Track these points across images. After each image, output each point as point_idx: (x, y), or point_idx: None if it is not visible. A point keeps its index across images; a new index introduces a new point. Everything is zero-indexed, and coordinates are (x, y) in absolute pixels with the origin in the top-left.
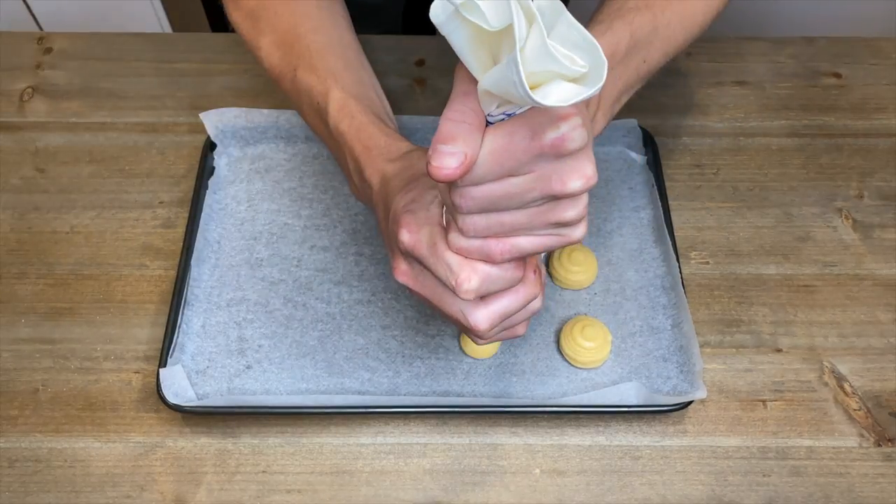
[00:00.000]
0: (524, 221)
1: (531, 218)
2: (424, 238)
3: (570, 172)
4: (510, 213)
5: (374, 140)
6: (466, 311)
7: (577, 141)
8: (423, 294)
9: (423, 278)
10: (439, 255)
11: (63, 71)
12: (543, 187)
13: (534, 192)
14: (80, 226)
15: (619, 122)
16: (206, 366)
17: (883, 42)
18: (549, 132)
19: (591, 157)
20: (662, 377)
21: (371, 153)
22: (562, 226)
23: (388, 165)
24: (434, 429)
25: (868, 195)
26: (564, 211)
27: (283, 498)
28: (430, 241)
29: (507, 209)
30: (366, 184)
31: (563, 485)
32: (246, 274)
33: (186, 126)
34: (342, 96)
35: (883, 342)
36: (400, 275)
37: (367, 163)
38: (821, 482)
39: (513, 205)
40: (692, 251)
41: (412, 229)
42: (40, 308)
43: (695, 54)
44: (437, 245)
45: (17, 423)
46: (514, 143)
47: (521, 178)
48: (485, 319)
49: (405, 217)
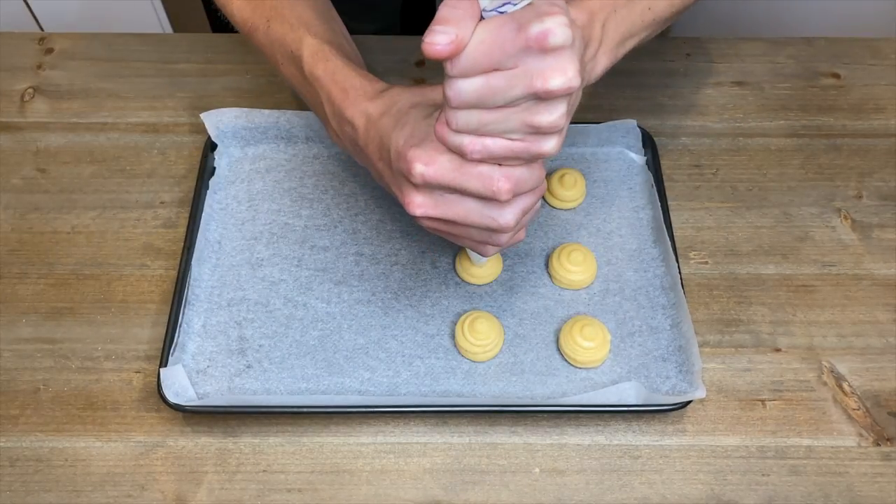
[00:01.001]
0: (502, 120)
1: (509, 117)
2: (445, 163)
3: (552, 70)
4: (491, 112)
5: (350, 81)
6: (495, 213)
7: (559, 36)
8: (447, 216)
9: (444, 201)
10: (468, 170)
11: (64, 71)
12: (526, 83)
13: (517, 87)
14: (81, 226)
15: (618, 122)
16: (206, 365)
17: (882, 42)
18: (534, 25)
19: (574, 60)
20: (662, 377)
21: (349, 94)
22: (536, 132)
23: (369, 105)
24: (434, 428)
25: (867, 195)
26: (541, 114)
27: (284, 497)
28: (452, 163)
29: (491, 106)
30: (347, 125)
31: (562, 484)
32: (246, 274)
33: (187, 126)
34: (316, 42)
35: (882, 342)
36: (417, 207)
37: (347, 104)
38: (820, 481)
39: (497, 101)
40: (691, 251)
41: (428, 160)
42: (41, 308)
43: (694, 54)
44: (463, 163)
45: (18, 423)
46: (501, 34)
47: (506, 72)
48: (513, 216)
49: (414, 152)
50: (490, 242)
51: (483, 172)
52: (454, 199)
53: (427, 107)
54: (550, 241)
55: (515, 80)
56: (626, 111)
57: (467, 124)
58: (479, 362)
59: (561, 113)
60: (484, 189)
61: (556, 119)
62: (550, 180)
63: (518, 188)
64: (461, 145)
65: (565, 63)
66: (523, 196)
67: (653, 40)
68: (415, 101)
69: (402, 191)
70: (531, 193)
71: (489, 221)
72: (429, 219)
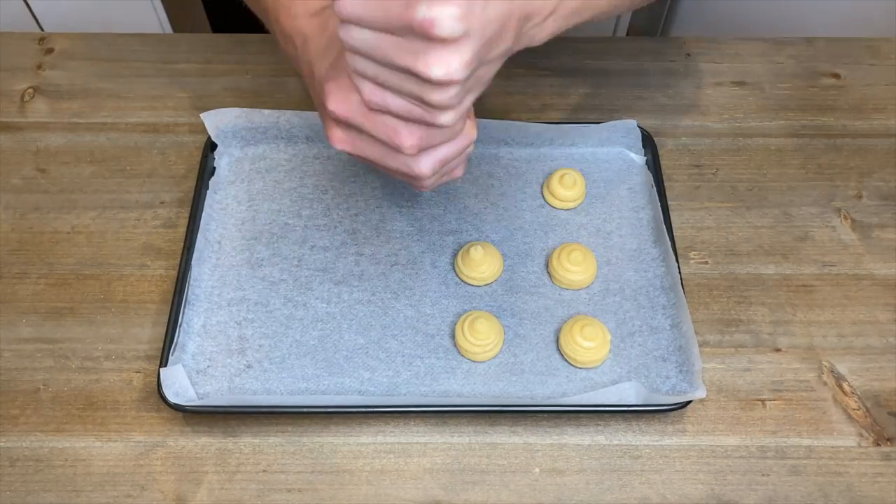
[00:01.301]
0: (397, 82)
1: (402, 82)
2: (355, 104)
3: (436, 59)
4: (385, 70)
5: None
6: (409, 163)
7: (445, 29)
8: (365, 156)
9: (361, 141)
10: (375, 118)
11: (64, 71)
12: (409, 60)
13: (401, 59)
14: (82, 226)
15: (618, 122)
16: (206, 365)
17: (882, 42)
18: (421, 8)
19: (462, 52)
20: (662, 377)
21: (290, 10)
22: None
23: (306, 22)
24: (434, 428)
25: (867, 195)
26: (430, 92)
27: (284, 497)
28: (362, 107)
29: (382, 63)
30: (289, 43)
31: (562, 484)
32: (246, 274)
33: (187, 126)
34: None
35: (882, 342)
36: (337, 142)
37: (287, 19)
38: (820, 481)
39: (385, 61)
40: (691, 251)
41: (339, 97)
42: (41, 308)
43: (694, 55)
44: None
45: (18, 423)
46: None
47: (394, 39)
48: (427, 167)
49: (329, 86)
50: (412, 184)
51: (388, 123)
52: (368, 142)
53: None
54: (550, 241)
55: (400, 51)
56: (626, 111)
57: (364, 71)
58: (479, 362)
59: (450, 94)
60: (388, 140)
61: (445, 99)
62: (550, 180)
63: (425, 143)
64: (362, 90)
65: (450, 55)
66: (439, 147)
67: (653, 40)
68: None
69: (325, 122)
70: (448, 144)
71: (404, 168)
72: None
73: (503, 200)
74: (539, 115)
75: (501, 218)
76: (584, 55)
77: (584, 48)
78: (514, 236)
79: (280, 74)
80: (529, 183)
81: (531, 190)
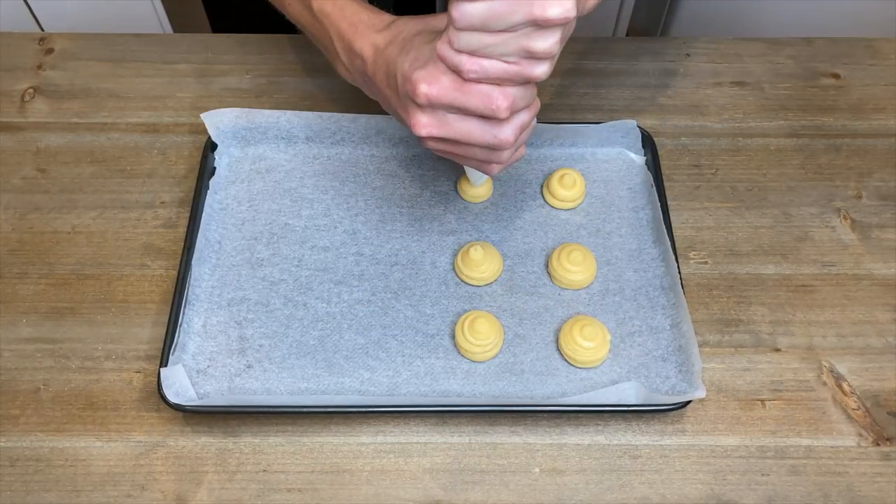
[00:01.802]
0: (501, 44)
1: (508, 41)
2: (447, 83)
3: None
4: (492, 35)
5: (358, 16)
6: (496, 130)
7: None
8: (451, 135)
9: (448, 120)
10: (469, 90)
11: (64, 71)
12: (527, 10)
13: (518, 14)
14: (82, 226)
15: (618, 122)
16: (206, 365)
17: (882, 42)
18: None
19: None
20: (661, 377)
21: (357, 28)
22: (531, 57)
23: (377, 36)
24: (434, 428)
25: (866, 195)
26: (538, 40)
27: (284, 497)
28: (453, 83)
29: (493, 30)
30: (357, 57)
31: (562, 484)
32: (246, 274)
33: (187, 126)
34: None
35: (881, 342)
36: (422, 128)
37: (356, 37)
38: (819, 481)
39: (498, 25)
40: (691, 251)
41: (430, 80)
42: (41, 308)
43: (694, 55)
44: (463, 83)
45: (18, 423)
46: None
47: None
48: (511, 132)
49: (418, 73)
50: (492, 160)
51: (482, 90)
52: (457, 119)
53: (430, 33)
54: (550, 241)
55: (517, 6)
56: (626, 111)
57: (468, 45)
58: (479, 362)
59: (555, 40)
60: (484, 107)
61: (551, 46)
62: (550, 180)
63: (515, 105)
64: (459, 63)
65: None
66: (520, 113)
67: (653, 40)
68: (419, 29)
69: (409, 112)
70: (527, 110)
71: (490, 138)
72: (434, 139)
73: (503, 200)
74: (539, 115)
75: (501, 218)
76: (584, 55)
77: (584, 48)
78: (514, 236)
79: (280, 74)
80: (529, 183)
81: (531, 190)
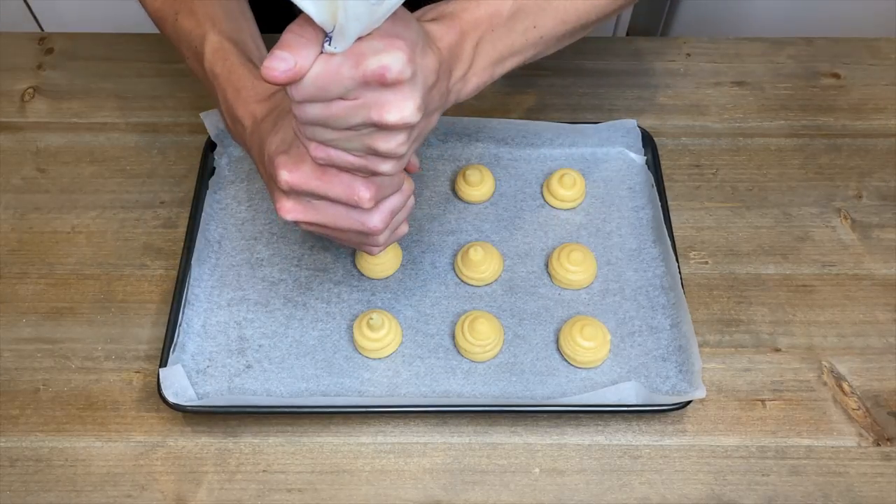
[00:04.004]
0: (346, 140)
1: (352, 138)
2: (307, 170)
3: (390, 105)
4: (336, 132)
5: (243, 82)
6: (364, 218)
7: (395, 72)
8: (317, 221)
9: (312, 207)
10: (330, 179)
11: (64, 71)
12: (365, 114)
13: (357, 117)
14: (82, 226)
15: (618, 122)
16: (206, 365)
17: (882, 42)
18: (372, 61)
19: (412, 96)
20: (661, 377)
21: (240, 94)
22: (375, 154)
23: (257, 106)
24: (434, 428)
25: (867, 195)
26: (379, 141)
27: (284, 497)
28: (314, 171)
29: (335, 127)
30: (238, 124)
31: (562, 484)
32: (246, 274)
33: (187, 126)
34: (218, 39)
35: (881, 342)
36: (287, 213)
37: (238, 104)
38: (820, 481)
39: (339, 125)
40: (691, 251)
41: (291, 168)
42: (41, 308)
43: (694, 55)
44: (326, 172)
45: (18, 423)
46: (340, 69)
47: (348, 102)
48: (380, 220)
49: (280, 158)
50: (368, 244)
51: (344, 180)
52: (322, 205)
53: None
54: (550, 241)
55: (355, 110)
56: (626, 111)
57: (313, 136)
58: (478, 362)
59: (399, 141)
60: (346, 198)
61: (394, 147)
62: (550, 180)
63: (380, 194)
64: (307, 147)
65: (403, 98)
66: (388, 199)
67: (653, 40)
68: None
69: (274, 195)
70: (396, 195)
71: (358, 226)
72: (302, 223)
73: (503, 200)
74: (539, 115)
75: (501, 218)
76: (584, 55)
77: (584, 48)
78: (514, 236)
79: None
80: (529, 183)
81: (531, 190)
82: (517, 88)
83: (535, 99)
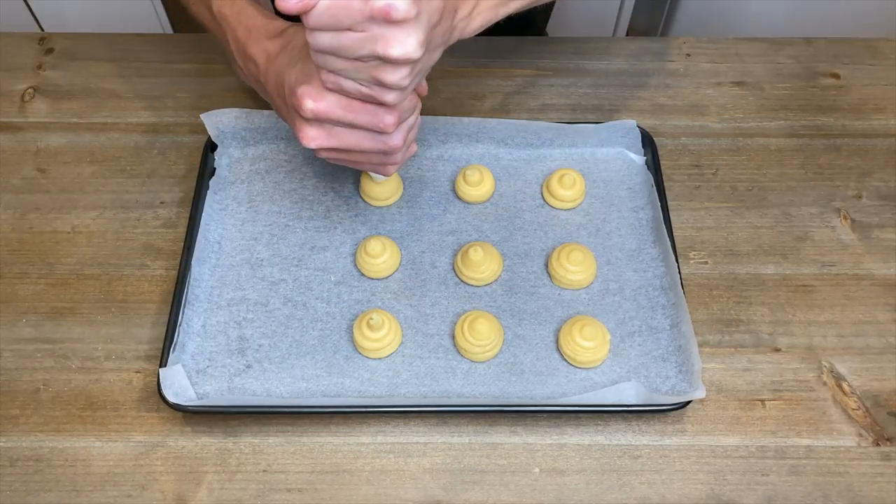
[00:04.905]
0: (354, 70)
1: (359, 69)
2: (332, 99)
3: (394, 40)
4: (346, 61)
5: (253, 20)
6: (385, 138)
7: (400, 11)
8: (339, 146)
9: (336, 132)
10: (356, 108)
11: (64, 71)
12: (371, 47)
13: (364, 49)
14: (82, 226)
15: (617, 122)
16: (206, 365)
17: (882, 43)
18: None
19: (416, 32)
20: (661, 377)
21: (252, 33)
22: (381, 85)
23: (269, 43)
24: (434, 428)
25: (866, 195)
26: (385, 73)
27: (284, 497)
28: (339, 100)
29: (344, 56)
30: (251, 62)
31: (562, 484)
32: (246, 274)
33: (187, 127)
34: None
35: (881, 342)
36: (311, 140)
37: (250, 42)
38: (819, 481)
39: (347, 54)
40: (691, 251)
41: (316, 97)
42: (41, 308)
43: (694, 55)
44: (350, 100)
45: (18, 423)
46: (351, 1)
47: (356, 34)
48: (401, 137)
49: (303, 88)
50: (386, 163)
51: (368, 108)
52: (344, 131)
53: None
54: (550, 241)
55: (362, 42)
56: (626, 111)
57: (325, 65)
58: (478, 362)
59: (403, 74)
60: (371, 124)
61: (398, 80)
62: (550, 180)
63: (402, 118)
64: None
65: (407, 34)
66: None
67: (653, 40)
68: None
69: (296, 125)
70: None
71: (380, 146)
72: (324, 150)
73: (503, 200)
74: (539, 115)
75: (501, 218)
76: (584, 55)
77: (584, 48)
78: (513, 236)
79: None
80: (529, 183)
81: (531, 190)
82: (517, 88)
83: (535, 99)
